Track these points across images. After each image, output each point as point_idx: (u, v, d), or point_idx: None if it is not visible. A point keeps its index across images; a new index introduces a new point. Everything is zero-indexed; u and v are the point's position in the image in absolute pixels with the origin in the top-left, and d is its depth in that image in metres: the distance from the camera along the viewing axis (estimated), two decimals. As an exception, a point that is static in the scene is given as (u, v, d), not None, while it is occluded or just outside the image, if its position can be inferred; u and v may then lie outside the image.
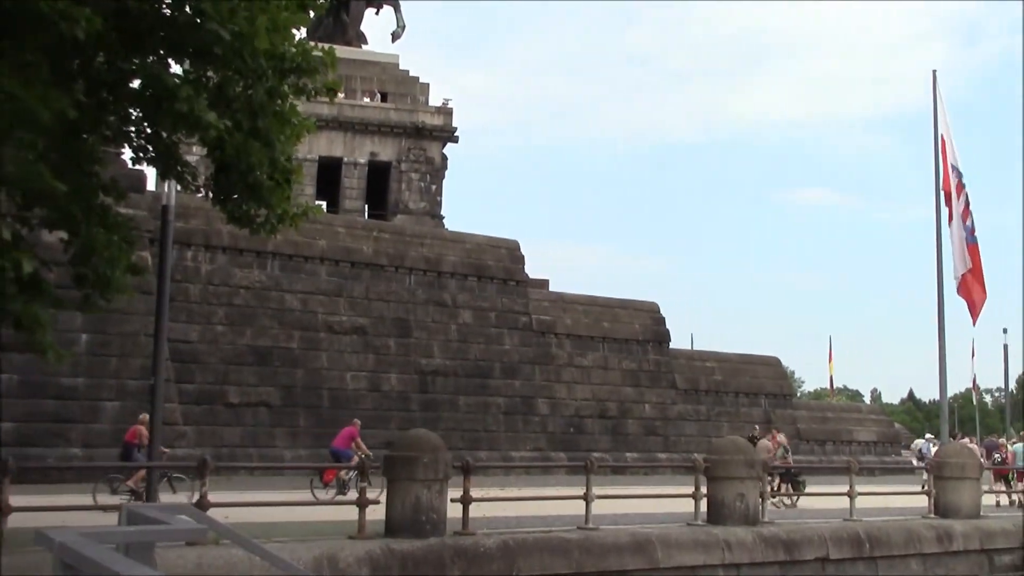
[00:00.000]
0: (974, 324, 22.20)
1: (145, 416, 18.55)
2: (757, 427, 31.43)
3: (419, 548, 10.93)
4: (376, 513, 11.55)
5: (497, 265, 35.14)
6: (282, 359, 29.50)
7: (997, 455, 29.85)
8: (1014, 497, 23.51)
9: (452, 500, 11.76)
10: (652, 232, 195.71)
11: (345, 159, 41.43)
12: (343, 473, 19.38)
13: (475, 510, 12.20)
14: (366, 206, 42.94)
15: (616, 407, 36.24)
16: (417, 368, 31.88)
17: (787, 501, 21.43)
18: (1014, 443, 29.47)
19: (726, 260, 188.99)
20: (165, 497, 16.00)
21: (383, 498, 11.77)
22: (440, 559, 10.96)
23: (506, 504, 14.68)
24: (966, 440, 37.04)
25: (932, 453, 31.89)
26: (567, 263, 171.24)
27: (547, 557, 11.66)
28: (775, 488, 20.57)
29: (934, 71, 22.77)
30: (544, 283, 38.19)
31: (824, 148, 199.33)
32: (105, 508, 11.39)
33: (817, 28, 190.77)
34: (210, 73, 9.89)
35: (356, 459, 18.29)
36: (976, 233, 21.93)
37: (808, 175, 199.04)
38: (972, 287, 21.59)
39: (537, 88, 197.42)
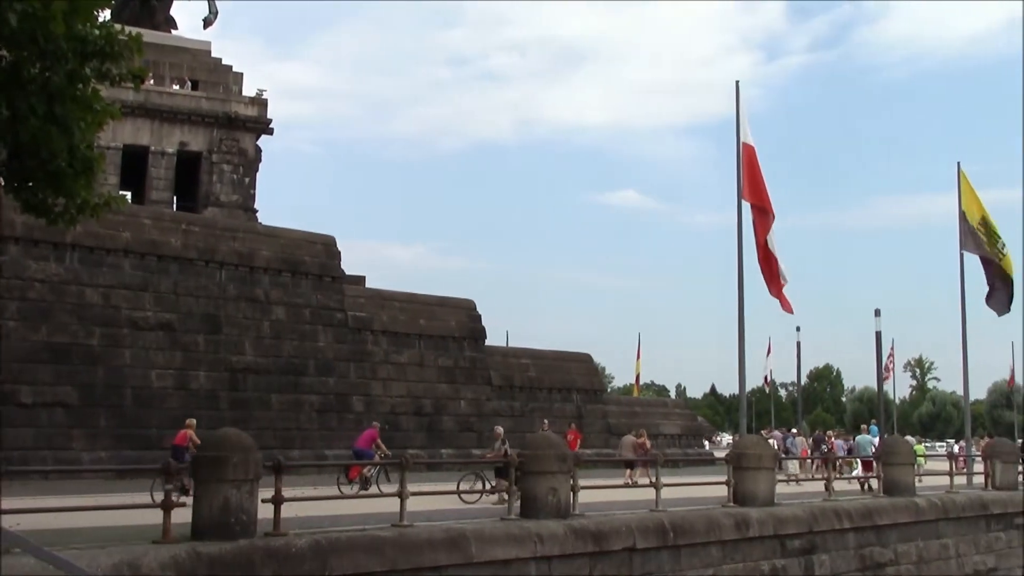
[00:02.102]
0: (791, 312, 23.56)
1: (192, 421, 22.12)
2: (546, 421, 32.07)
3: (228, 551, 10.61)
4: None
5: (312, 261, 34.52)
6: (81, 357, 28.01)
7: (824, 446, 33.61)
8: (872, 484, 25.04)
9: (263, 501, 11.48)
10: (469, 231, 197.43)
11: (152, 148, 39.70)
12: (366, 470, 22.34)
13: (288, 510, 11.96)
14: (175, 198, 41.31)
15: (432, 404, 36.31)
16: (227, 365, 30.94)
17: (507, 497, 20.54)
18: (863, 434, 32.95)
19: (541, 259, 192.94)
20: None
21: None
22: (250, 561, 10.68)
23: (320, 503, 14.47)
24: (796, 432, 41.41)
25: (797, 446, 34.87)
26: (385, 260, 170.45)
27: (360, 556, 11.56)
28: (493, 486, 19.81)
29: (736, 82, 23.92)
30: (361, 280, 37.81)
31: (635, 153, 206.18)
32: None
33: (631, 36, 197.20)
34: (3, 52, 9.26)
35: (377, 458, 22.83)
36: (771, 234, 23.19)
37: (620, 178, 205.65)
38: (776, 284, 22.88)
39: (357, 84, 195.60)
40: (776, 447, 38.05)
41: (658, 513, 15.87)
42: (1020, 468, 28.77)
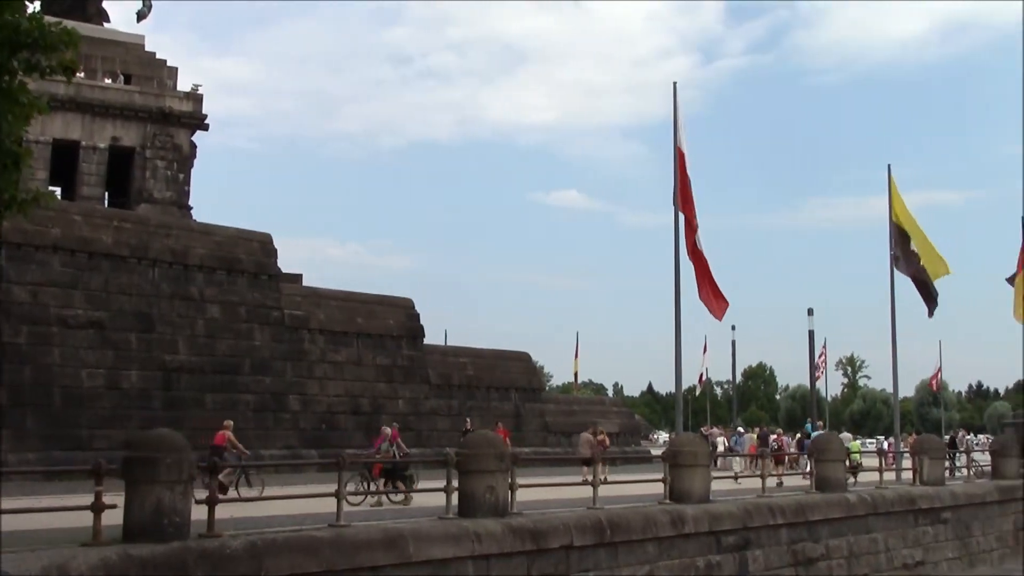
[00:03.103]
0: (720, 320, 23.77)
1: (230, 423, 23.82)
2: (468, 420, 32.14)
3: (160, 553, 10.43)
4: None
5: (248, 258, 34.09)
6: (8, 355, 27.31)
7: (774, 443, 34.60)
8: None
9: (197, 502, 11.32)
10: (410, 229, 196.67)
11: (83, 143, 38.85)
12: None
13: (223, 511, 11.80)
14: (106, 194, 40.50)
15: (369, 403, 36.12)
16: (161, 364, 30.43)
17: (394, 499, 19.46)
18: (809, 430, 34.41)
19: (482, 258, 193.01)
20: None
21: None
22: (183, 563, 10.51)
23: (256, 504, 14.31)
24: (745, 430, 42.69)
25: (744, 444, 35.54)
26: (323, 258, 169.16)
27: (297, 556, 11.45)
28: (378, 486, 19.13)
29: (675, 83, 24.16)
30: (298, 278, 37.46)
31: (578, 153, 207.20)
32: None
33: (573, 37, 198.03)
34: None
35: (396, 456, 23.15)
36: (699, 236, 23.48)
37: (562, 178, 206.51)
38: (706, 287, 23.12)
39: (297, 81, 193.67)
40: (724, 445, 39.05)
41: (595, 511, 15.95)
42: (947, 464, 29.56)
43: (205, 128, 41.83)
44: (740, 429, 42.90)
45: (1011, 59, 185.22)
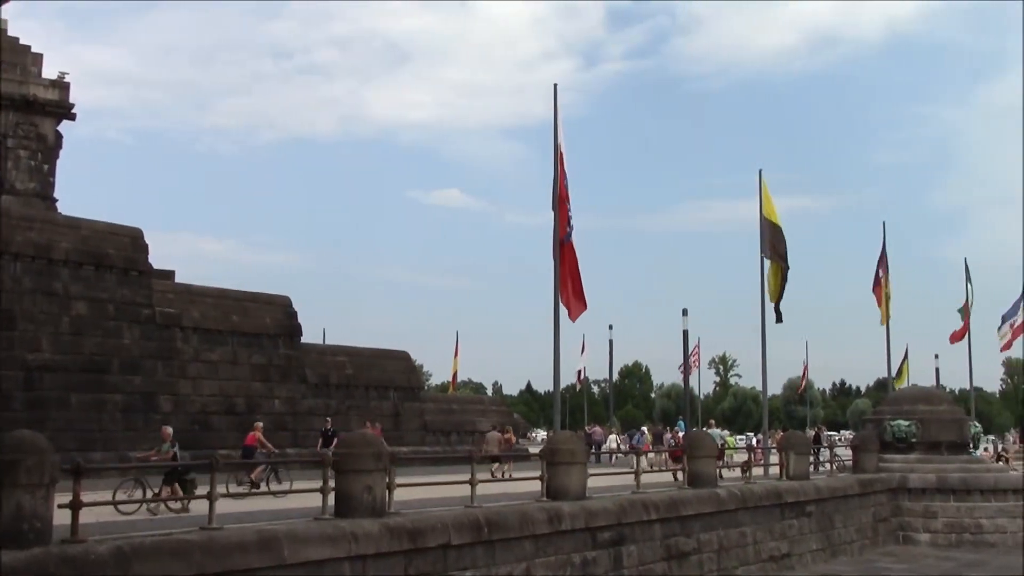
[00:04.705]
0: (572, 321, 23.99)
1: (260, 424, 26.63)
2: (329, 419, 31.90)
3: (20, 559, 9.99)
4: None
5: (117, 254, 32.93)
6: None
7: (671, 440, 35.97)
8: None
9: (60, 506, 10.88)
10: (289, 226, 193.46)
11: (-61, 130, 36.94)
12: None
13: (88, 515, 11.38)
14: (-36, 184, 38.59)
15: (245, 403, 35.41)
16: (22, 363, 29.13)
17: (174, 505, 18.10)
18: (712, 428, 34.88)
19: (362, 257, 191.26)
20: None
21: None
22: (44, 569, 10.09)
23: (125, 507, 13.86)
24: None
25: (643, 442, 36.39)
26: (198, 254, 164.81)
27: (166, 561, 11.12)
28: (156, 492, 17.76)
29: (555, 84, 24.48)
30: (170, 274, 36.41)
31: (460, 152, 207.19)
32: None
33: (457, 36, 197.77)
34: None
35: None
36: (572, 236, 23.82)
37: (444, 177, 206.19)
38: (568, 288, 23.45)
39: (173, 73, 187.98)
40: (617, 443, 40.05)
41: (473, 509, 15.99)
42: (811, 459, 30.69)
43: (72, 118, 40.24)
44: (643, 428, 43.62)
45: (872, 72, 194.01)
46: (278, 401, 36.76)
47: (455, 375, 73.51)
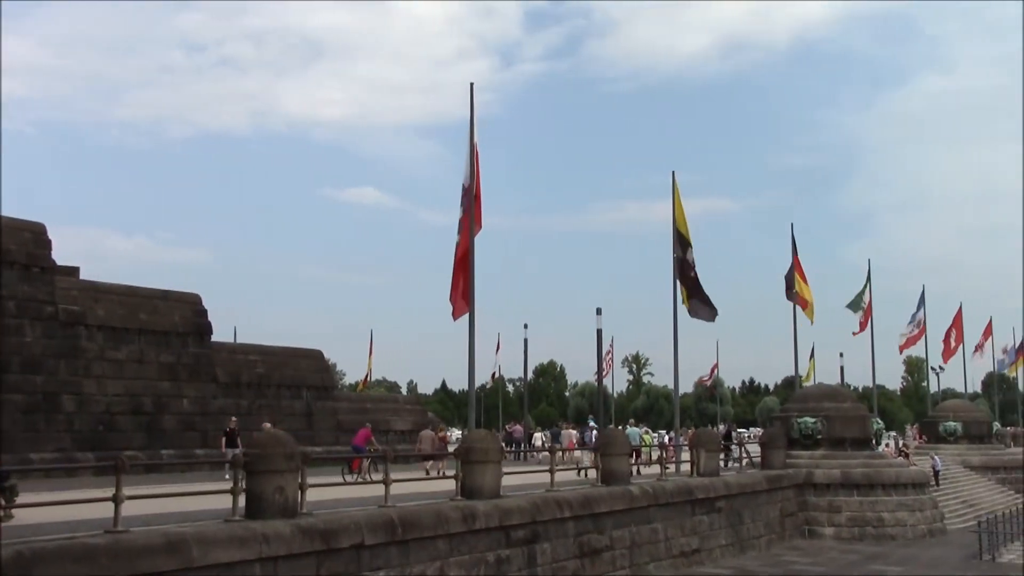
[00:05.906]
0: (454, 320, 23.85)
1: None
2: (234, 419, 31.39)
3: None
4: None
5: (19, 249, 31.85)
6: None
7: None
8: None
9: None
10: (198, 223, 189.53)
11: None
12: (364, 463, 26.00)
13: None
14: None
15: (152, 402, 34.62)
16: (-84, 363, 28.04)
17: None
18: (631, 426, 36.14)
19: (274, 255, 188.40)
20: None
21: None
22: (-61, 577, 9.73)
23: (23, 511, 13.44)
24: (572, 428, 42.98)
25: (593, 438, 36.17)
26: (104, 251, 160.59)
27: (70, 565, 10.80)
28: None
29: (471, 84, 24.51)
30: (74, 271, 35.36)
31: (375, 150, 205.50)
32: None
33: (372, 33, 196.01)
34: None
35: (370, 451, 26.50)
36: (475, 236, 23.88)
37: (359, 175, 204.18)
38: (458, 287, 23.52)
39: (79, 63, 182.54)
40: (542, 441, 40.30)
41: (387, 509, 15.90)
42: (721, 456, 31.26)
43: (-29, 108, 38.87)
44: (592, 423, 43.07)
45: (780, 76, 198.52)
46: (187, 401, 36.04)
47: (369, 373, 72.97)
